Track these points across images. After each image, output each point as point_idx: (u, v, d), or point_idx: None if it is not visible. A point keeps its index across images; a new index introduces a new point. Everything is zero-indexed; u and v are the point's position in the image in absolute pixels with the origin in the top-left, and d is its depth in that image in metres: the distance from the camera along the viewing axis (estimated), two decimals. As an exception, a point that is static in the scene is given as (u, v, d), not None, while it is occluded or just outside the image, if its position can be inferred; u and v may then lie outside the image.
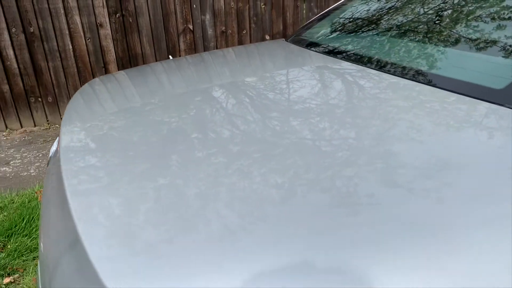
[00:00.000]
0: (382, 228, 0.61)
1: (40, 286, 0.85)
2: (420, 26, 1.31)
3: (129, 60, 3.75)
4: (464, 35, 1.17)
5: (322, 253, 0.58)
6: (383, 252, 0.58)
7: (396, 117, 0.95)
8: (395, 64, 1.18)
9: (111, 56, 3.69)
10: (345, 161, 0.79)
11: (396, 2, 1.53)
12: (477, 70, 1.03)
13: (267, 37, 3.98)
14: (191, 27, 3.77)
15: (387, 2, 1.56)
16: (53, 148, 1.25)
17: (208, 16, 3.78)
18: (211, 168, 0.82)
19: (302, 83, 1.26)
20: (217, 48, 3.92)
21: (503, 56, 1.03)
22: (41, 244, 0.94)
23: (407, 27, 1.34)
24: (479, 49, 1.09)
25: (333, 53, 1.40)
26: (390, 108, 1.00)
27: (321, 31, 1.68)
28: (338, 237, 0.61)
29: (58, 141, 1.07)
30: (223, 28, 3.85)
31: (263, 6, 3.88)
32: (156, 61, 3.79)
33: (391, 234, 0.60)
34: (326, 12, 1.85)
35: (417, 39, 1.26)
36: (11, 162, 3.11)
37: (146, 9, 3.63)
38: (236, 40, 3.93)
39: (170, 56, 3.60)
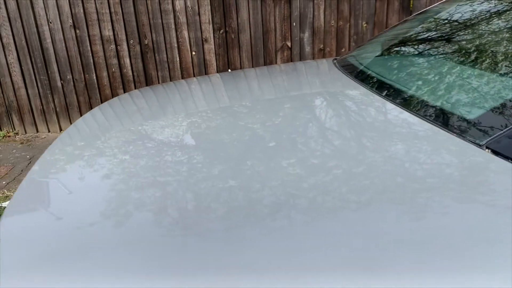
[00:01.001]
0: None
1: None
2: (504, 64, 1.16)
3: (228, 73, 3.95)
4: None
5: None
6: None
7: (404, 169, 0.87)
8: (441, 110, 1.07)
9: (213, 69, 3.93)
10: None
11: (473, 28, 1.38)
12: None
13: (367, 56, 3.87)
14: (289, 44, 3.85)
15: (461, 25, 1.42)
16: None
17: (307, 34, 3.82)
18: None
19: (323, 105, 1.23)
20: (314, 65, 3.93)
21: None
22: None
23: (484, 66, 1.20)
24: None
25: (366, 82, 1.33)
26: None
27: (370, 54, 1.61)
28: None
29: None
30: (321, 46, 3.85)
31: (365, 25, 3.79)
32: (253, 75, 3.93)
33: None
34: (385, 34, 1.76)
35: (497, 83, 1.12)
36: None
37: (248, 26, 3.80)
38: (334, 59, 3.90)
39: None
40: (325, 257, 0.62)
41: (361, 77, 1.38)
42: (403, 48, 1.53)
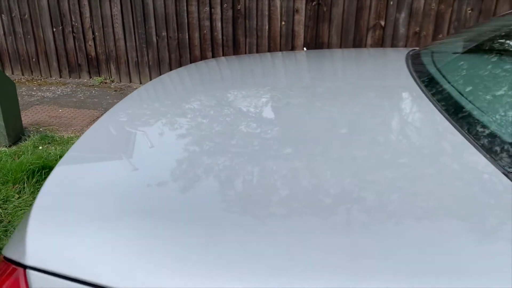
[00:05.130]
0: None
1: None
2: None
3: (314, 47, 3.90)
4: None
5: None
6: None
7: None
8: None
9: (300, 41, 3.90)
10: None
11: None
12: None
13: (466, 45, 3.60)
14: (382, 23, 3.69)
15: None
16: None
17: (403, 15, 3.63)
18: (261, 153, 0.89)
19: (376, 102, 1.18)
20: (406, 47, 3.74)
21: None
22: None
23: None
24: None
25: (429, 82, 1.20)
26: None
27: (447, 49, 1.49)
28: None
29: None
30: (417, 29, 3.64)
31: (470, 11, 3.51)
32: (340, 52, 3.85)
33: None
34: (476, 25, 1.60)
35: None
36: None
37: (342, 0, 3.69)
38: (429, 43, 3.67)
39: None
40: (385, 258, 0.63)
41: (429, 83, 1.21)
42: (496, 48, 1.34)
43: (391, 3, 3.61)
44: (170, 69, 4.29)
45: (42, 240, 0.72)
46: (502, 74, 1.10)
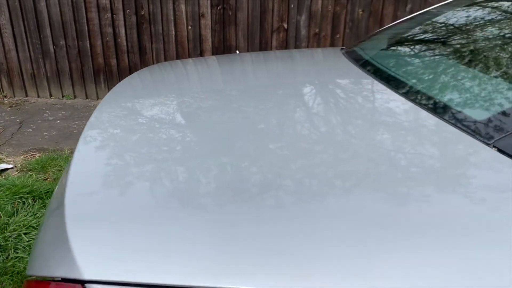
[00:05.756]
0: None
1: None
2: (485, 56, 1.25)
3: (223, 50, 3.97)
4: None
5: None
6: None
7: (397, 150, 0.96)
8: (430, 97, 1.15)
9: (208, 45, 3.94)
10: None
11: (469, 25, 1.47)
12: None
13: (360, 44, 3.94)
14: (285, 26, 3.88)
15: (459, 24, 1.50)
16: None
17: (303, 17, 3.86)
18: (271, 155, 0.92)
19: (334, 94, 1.30)
20: (308, 48, 3.98)
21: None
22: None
23: (471, 57, 1.29)
24: None
25: (372, 72, 1.40)
26: (391, 135, 1.01)
27: (376, 46, 1.68)
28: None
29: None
30: (317, 30, 3.90)
31: (361, 12, 3.85)
32: (248, 54, 3.97)
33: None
34: (390, 26, 1.83)
35: (476, 72, 1.21)
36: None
37: (246, 5, 3.81)
38: (328, 43, 3.95)
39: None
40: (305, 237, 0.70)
41: (374, 70, 1.42)
42: (410, 43, 1.59)
43: (292, 6, 3.82)
44: (72, 80, 4.05)
45: (94, 251, 0.71)
46: (426, 58, 1.39)
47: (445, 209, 0.75)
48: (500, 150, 0.87)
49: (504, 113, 0.99)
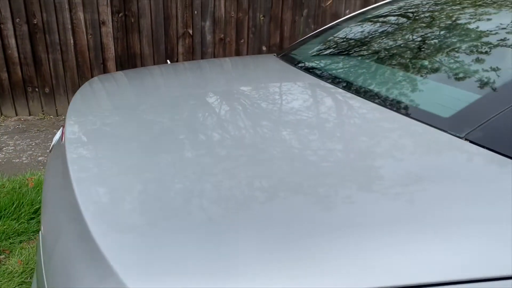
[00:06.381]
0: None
1: (42, 265, 0.94)
2: (403, 54, 1.43)
3: (127, 58, 3.85)
4: (443, 66, 1.29)
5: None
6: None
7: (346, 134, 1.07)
8: (368, 89, 1.30)
9: (111, 53, 3.79)
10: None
11: (387, 28, 1.66)
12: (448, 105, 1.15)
13: (264, 48, 4.11)
14: (190, 32, 3.89)
15: (378, 27, 1.69)
16: (57, 137, 1.35)
17: (208, 23, 3.91)
18: (198, 167, 0.93)
19: (280, 97, 1.38)
20: (214, 54, 4.04)
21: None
22: (43, 227, 1.04)
23: (390, 54, 1.46)
24: (457, 82, 1.21)
25: (313, 73, 1.52)
26: (348, 128, 1.12)
27: (310, 50, 1.81)
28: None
29: (63, 131, 1.18)
30: (222, 35, 3.97)
31: (262, 18, 4.01)
32: (154, 62, 3.90)
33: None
34: (318, 32, 1.98)
35: (396, 66, 1.39)
36: (4, 149, 3.19)
37: (148, 11, 3.74)
38: (234, 48, 4.05)
39: (168, 61, 3.70)
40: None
41: (315, 71, 1.52)
42: (342, 45, 1.74)
43: (196, 12, 3.85)
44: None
45: (135, 258, 0.67)
46: (355, 58, 1.49)
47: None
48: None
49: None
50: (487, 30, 1.32)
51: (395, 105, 1.16)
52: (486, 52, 1.24)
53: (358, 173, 0.89)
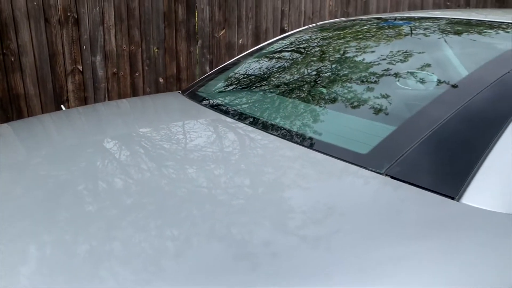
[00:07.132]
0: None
1: None
2: (302, 87, 1.50)
3: (9, 100, 3.51)
4: (340, 97, 1.37)
5: None
6: None
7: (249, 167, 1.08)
8: (274, 125, 1.33)
9: (-11, 95, 3.43)
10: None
11: (283, 63, 1.73)
12: (346, 136, 1.22)
13: (161, 79, 4.04)
14: (80, 68, 3.69)
15: (275, 63, 1.75)
16: None
17: (99, 58, 3.74)
18: (102, 221, 0.86)
19: (188, 136, 1.35)
20: (108, 88, 3.87)
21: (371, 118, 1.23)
22: None
23: (288, 87, 1.52)
24: (354, 112, 1.29)
25: (218, 110, 1.52)
26: (253, 160, 1.13)
27: (214, 87, 1.81)
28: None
29: None
30: (115, 69, 3.83)
31: (156, 50, 3.96)
32: (41, 102, 3.61)
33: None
34: (221, 68, 2.00)
35: (297, 98, 1.44)
36: None
37: (30, 49, 3.47)
38: (129, 82, 3.92)
39: (63, 106, 3.45)
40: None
41: (220, 108, 1.53)
42: (242, 80, 1.76)
43: (84, 47, 3.66)
44: None
45: None
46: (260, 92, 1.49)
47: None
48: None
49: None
50: (376, 61, 1.44)
51: (297, 138, 1.20)
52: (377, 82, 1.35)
53: (270, 208, 0.89)
